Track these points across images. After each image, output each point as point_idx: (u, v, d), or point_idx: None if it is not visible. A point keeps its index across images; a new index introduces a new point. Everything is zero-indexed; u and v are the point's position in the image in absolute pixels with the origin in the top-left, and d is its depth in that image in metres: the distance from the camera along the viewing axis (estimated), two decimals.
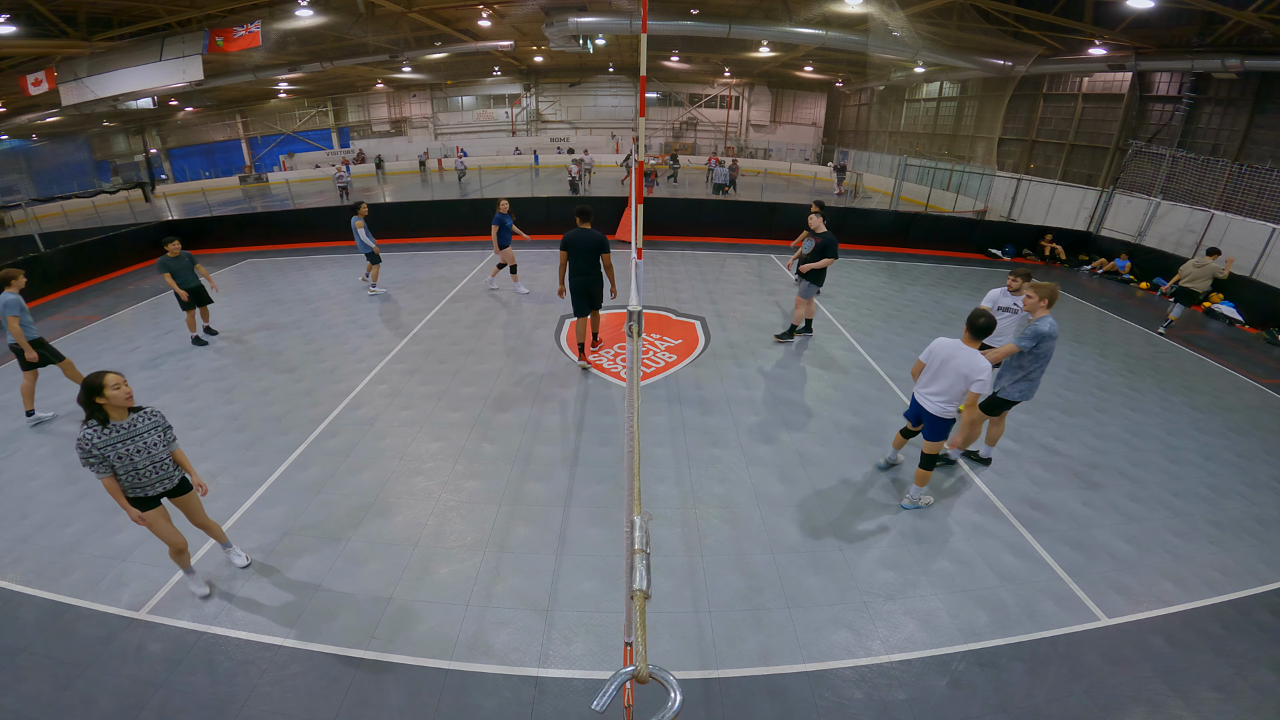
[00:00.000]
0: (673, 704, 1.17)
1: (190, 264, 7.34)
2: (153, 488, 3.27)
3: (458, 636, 3.37)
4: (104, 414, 3.06)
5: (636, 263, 4.33)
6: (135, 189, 25.76)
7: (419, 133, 36.01)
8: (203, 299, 7.58)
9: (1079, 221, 15.40)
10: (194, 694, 3.04)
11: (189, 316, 7.52)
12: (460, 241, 13.18)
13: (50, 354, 5.93)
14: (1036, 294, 4.52)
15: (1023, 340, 4.50)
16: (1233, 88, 13.14)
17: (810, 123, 35.35)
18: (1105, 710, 3.08)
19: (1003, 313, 5.42)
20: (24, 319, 5.58)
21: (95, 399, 3.01)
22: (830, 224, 7.36)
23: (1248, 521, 4.67)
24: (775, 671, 3.21)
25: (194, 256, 7.44)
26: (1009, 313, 5.41)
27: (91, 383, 3.01)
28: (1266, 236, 11.00)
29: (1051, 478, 5.09)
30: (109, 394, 3.01)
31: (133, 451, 3.14)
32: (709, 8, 16.99)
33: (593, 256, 6.22)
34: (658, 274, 10.66)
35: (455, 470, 4.91)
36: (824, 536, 4.25)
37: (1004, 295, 5.48)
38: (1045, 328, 4.45)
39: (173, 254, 7.18)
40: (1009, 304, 5.42)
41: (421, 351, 7.25)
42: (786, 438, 5.49)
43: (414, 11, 17.05)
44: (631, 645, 1.42)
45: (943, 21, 15.28)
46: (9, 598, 3.67)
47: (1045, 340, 4.49)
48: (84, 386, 3.01)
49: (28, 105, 20.29)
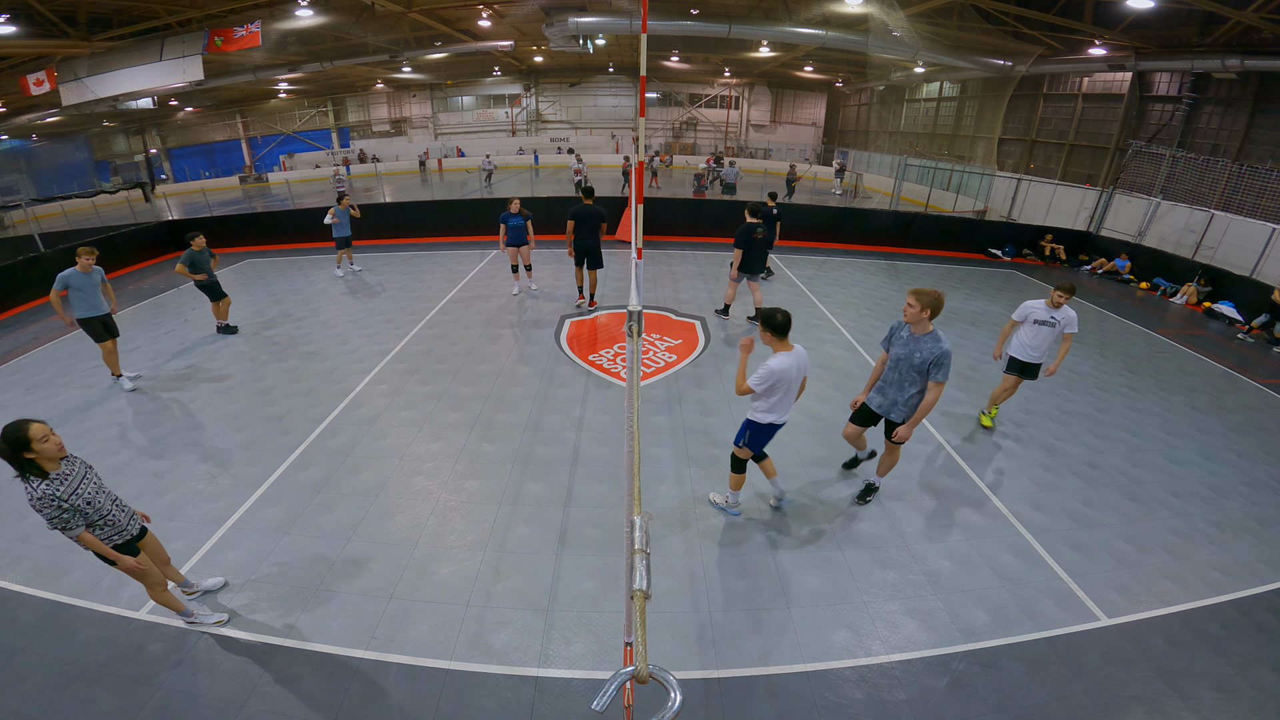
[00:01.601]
0: (673, 704, 1.17)
1: (210, 258, 7.70)
2: (128, 530, 3.02)
3: (458, 636, 3.37)
4: (39, 467, 2.66)
5: (636, 263, 4.33)
6: (135, 189, 25.69)
7: (419, 133, 36.00)
8: (219, 293, 7.88)
9: (1079, 221, 15.40)
10: (194, 694, 3.04)
11: (214, 307, 7.94)
12: (461, 241, 13.18)
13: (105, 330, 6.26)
14: (918, 303, 3.77)
15: (938, 373, 3.81)
16: (1233, 88, 13.15)
17: (810, 123, 35.34)
18: (1105, 710, 3.09)
19: (1039, 326, 5.25)
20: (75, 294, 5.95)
21: (23, 454, 2.60)
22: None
23: (1248, 521, 4.68)
24: (775, 671, 3.22)
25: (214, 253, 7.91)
26: (1047, 326, 5.23)
27: (14, 436, 2.58)
28: (1266, 236, 11.00)
29: (1051, 478, 5.09)
30: (37, 447, 2.61)
31: (93, 493, 2.84)
32: (709, 8, 16.98)
33: (595, 225, 8.07)
34: (658, 274, 10.66)
35: (455, 470, 4.91)
36: (824, 536, 4.25)
37: (1042, 309, 5.25)
38: (950, 346, 3.81)
39: (197, 247, 7.49)
40: (1047, 317, 5.23)
41: (421, 351, 7.25)
42: (786, 438, 5.48)
43: (414, 11, 17.05)
44: (631, 645, 1.42)
45: (943, 21, 15.29)
46: (9, 598, 3.67)
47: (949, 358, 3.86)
48: (5, 441, 2.58)
49: (28, 105, 20.28)
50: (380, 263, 11.51)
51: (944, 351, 3.78)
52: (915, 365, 3.90)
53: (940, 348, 3.79)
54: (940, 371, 3.81)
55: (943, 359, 3.79)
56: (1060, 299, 5.12)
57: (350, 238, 10.51)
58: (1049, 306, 5.20)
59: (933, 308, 3.80)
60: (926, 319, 3.84)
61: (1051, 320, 5.19)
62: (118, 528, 2.98)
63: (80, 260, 5.92)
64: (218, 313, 7.98)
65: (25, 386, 6.54)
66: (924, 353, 3.83)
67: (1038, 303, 5.32)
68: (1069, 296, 5.13)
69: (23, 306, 9.48)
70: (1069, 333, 5.17)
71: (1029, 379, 5.54)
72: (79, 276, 5.93)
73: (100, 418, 5.82)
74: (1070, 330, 5.16)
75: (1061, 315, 5.16)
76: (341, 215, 10.23)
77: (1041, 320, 5.23)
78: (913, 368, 3.92)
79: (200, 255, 7.51)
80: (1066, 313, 5.15)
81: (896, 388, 4.07)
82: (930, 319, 3.83)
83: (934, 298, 3.80)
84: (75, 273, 5.92)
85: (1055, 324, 5.19)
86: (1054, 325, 5.20)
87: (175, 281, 10.69)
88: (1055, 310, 5.16)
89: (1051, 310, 5.18)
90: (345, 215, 10.28)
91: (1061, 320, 5.16)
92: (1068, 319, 5.15)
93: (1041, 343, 5.29)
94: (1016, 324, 5.42)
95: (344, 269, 10.78)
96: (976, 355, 7.62)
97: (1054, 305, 5.17)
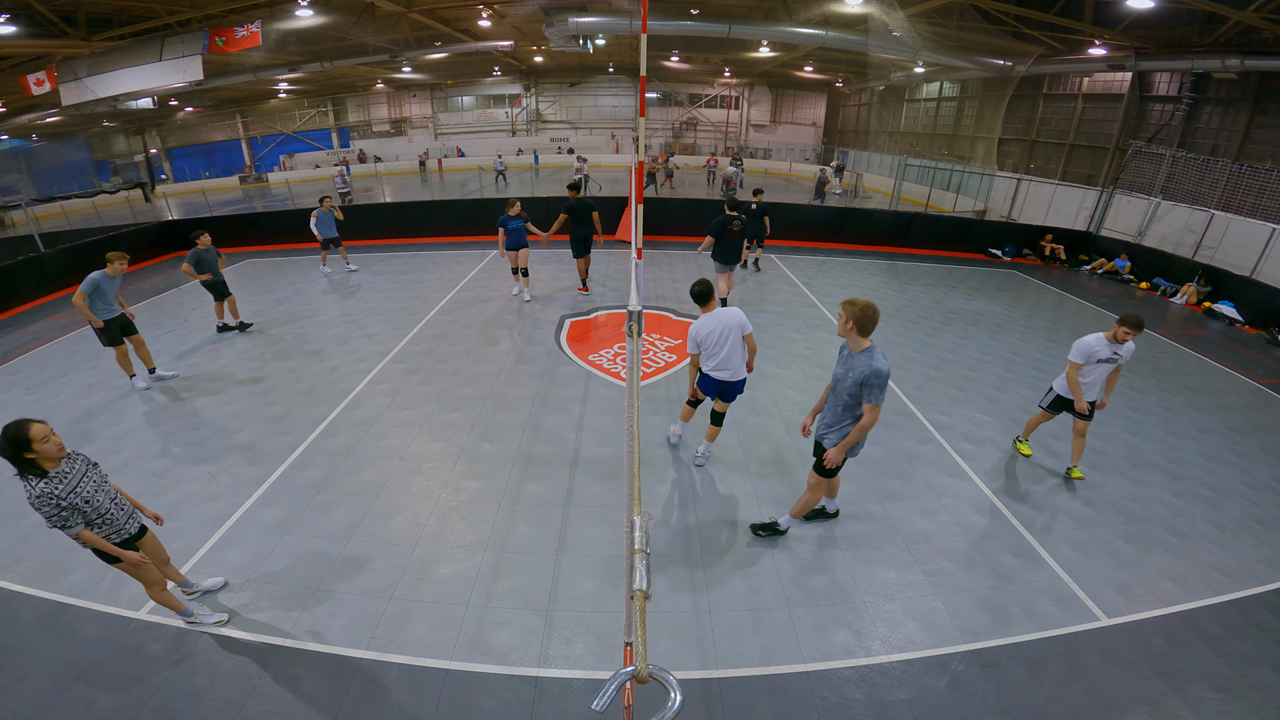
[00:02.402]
0: (673, 704, 1.17)
1: (217, 257, 7.74)
2: (125, 529, 3.02)
3: (458, 636, 3.38)
4: (38, 467, 2.69)
5: (636, 263, 4.33)
6: (135, 189, 25.70)
7: (419, 133, 36.00)
8: (224, 292, 7.93)
9: (1079, 221, 15.40)
10: (194, 694, 3.04)
11: (217, 306, 7.96)
12: (461, 241, 13.18)
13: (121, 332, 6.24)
14: (844, 314, 3.47)
15: (869, 395, 3.42)
16: (1233, 88, 13.14)
17: (810, 123, 35.34)
18: (1105, 710, 3.09)
19: (1100, 364, 4.71)
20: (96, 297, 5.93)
21: (23, 454, 2.63)
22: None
23: (1248, 521, 4.68)
24: (775, 671, 3.22)
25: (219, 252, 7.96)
26: (1108, 364, 4.71)
27: (15, 436, 2.61)
28: (1266, 236, 11.00)
29: (1052, 478, 5.09)
30: (37, 447, 2.64)
31: (92, 492, 2.85)
32: (709, 8, 16.98)
33: (587, 216, 8.88)
34: (658, 274, 10.65)
35: (455, 470, 4.91)
36: (824, 536, 4.25)
37: (1104, 346, 4.65)
38: (884, 365, 3.40)
39: (202, 246, 7.53)
40: (1110, 354, 4.66)
41: (421, 351, 7.25)
42: (786, 437, 5.48)
43: (414, 11, 17.05)
44: (631, 645, 1.42)
45: (943, 21, 15.28)
46: (9, 598, 3.67)
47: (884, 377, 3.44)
48: (6, 440, 2.62)
49: (28, 105, 20.29)
50: (380, 263, 11.52)
51: (874, 370, 3.37)
52: (848, 386, 3.52)
53: (872, 366, 3.38)
54: (872, 393, 3.40)
55: (873, 379, 3.37)
56: (1126, 335, 4.57)
57: (338, 238, 10.69)
58: (1112, 342, 4.64)
59: (858, 321, 3.42)
60: (853, 332, 3.47)
61: (1115, 357, 4.70)
62: (115, 526, 2.97)
63: (113, 265, 5.89)
64: (219, 312, 7.99)
65: (25, 386, 6.54)
66: (856, 372, 3.45)
67: (1095, 339, 4.69)
68: (1137, 333, 4.55)
69: (23, 306, 9.47)
70: (1122, 364, 4.81)
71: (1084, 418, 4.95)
72: (109, 280, 5.93)
73: (100, 417, 5.82)
74: (1124, 362, 4.80)
75: (1125, 350, 4.72)
76: (325, 217, 10.36)
77: (1105, 358, 4.70)
78: (846, 389, 3.55)
79: (206, 254, 7.54)
80: (1128, 346, 4.71)
81: (832, 409, 3.73)
82: (860, 334, 3.47)
83: (860, 309, 3.41)
84: (105, 276, 5.90)
85: (1117, 359, 4.72)
86: (1115, 361, 4.73)
87: (175, 281, 10.70)
88: (1119, 345, 4.66)
89: (1115, 346, 4.67)
90: (329, 217, 10.39)
91: (1125, 354, 4.73)
92: (1127, 352, 4.73)
93: (1099, 379, 4.81)
94: (1081, 367, 4.76)
95: (330, 266, 11.00)
96: (976, 355, 7.62)
97: (1118, 340, 4.63)
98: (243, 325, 8.16)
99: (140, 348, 6.38)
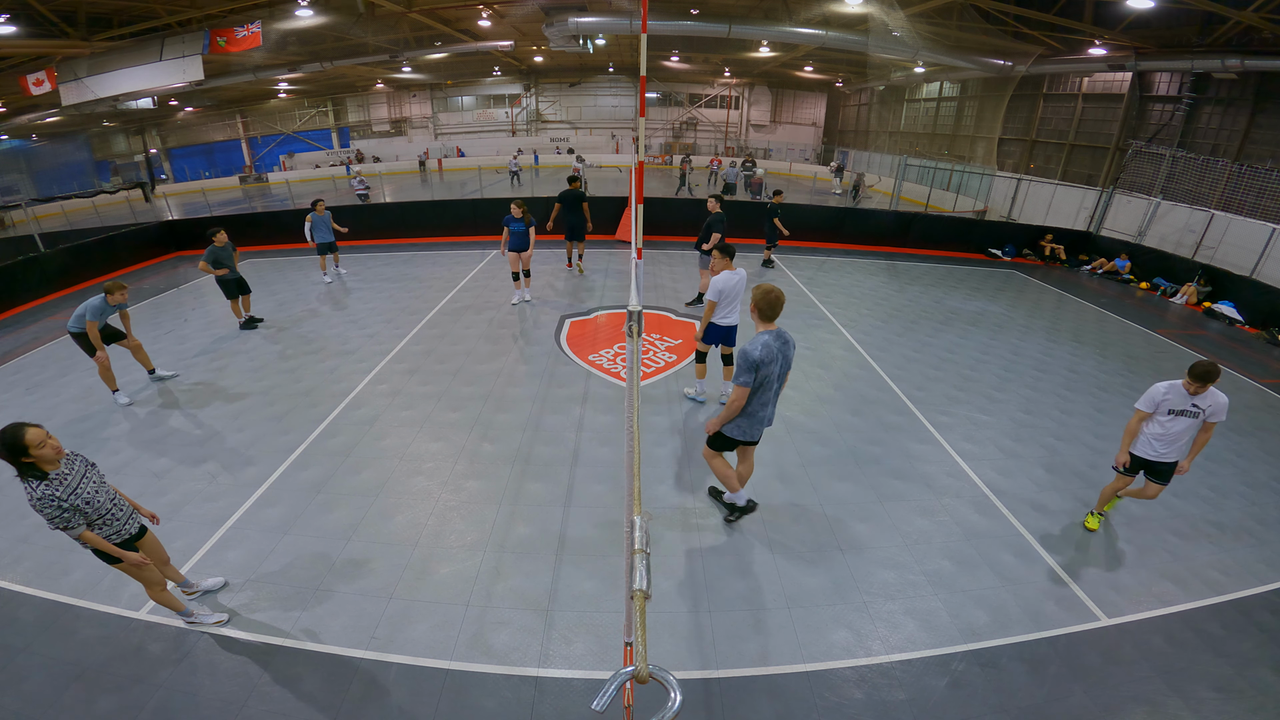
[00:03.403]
0: (673, 704, 1.17)
1: (233, 252, 7.80)
2: (125, 529, 3.04)
3: (458, 636, 3.38)
4: (38, 470, 2.71)
5: (636, 263, 4.33)
6: (135, 189, 25.72)
7: (419, 133, 36.00)
8: (244, 288, 8.02)
9: (1079, 221, 15.40)
10: (194, 694, 3.04)
11: (233, 304, 8.02)
12: (461, 241, 13.18)
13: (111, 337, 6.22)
14: (750, 299, 3.59)
15: (737, 375, 3.57)
16: (1233, 88, 13.14)
17: (810, 123, 35.34)
18: (1105, 710, 3.09)
19: (1174, 417, 3.95)
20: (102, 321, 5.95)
21: (21, 458, 2.66)
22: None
23: (1248, 521, 4.68)
24: (775, 671, 3.22)
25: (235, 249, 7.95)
26: (1185, 416, 3.92)
27: (11, 442, 2.62)
28: (1266, 236, 11.00)
29: (1051, 478, 5.09)
30: (35, 452, 2.66)
31: (92, 492, 2.87)
32: (709, 8, 16.98)
33: (577, 206, 10.03)
34: (658, 274, 10.65)
35: (455, 470, 4.91)
36: (824, 536, 4.25)
37: (1179, 394, 3.91)
38: (757, 353, 3.47)
39: (219, 243, 7.60)
40: (1186, 406, 3.90)
41: (421, 351, 7.25)
42: (786, 437, 5.49)
43: (414, 11, 17.04)
44: (631, 645, 1.42)
45: (943, 21, 15.28)
46: (9, 598, 3.67)
47: (760, 368, 3.53)
48: (4, 445, 2.63)
49: (28, 105, 20.28)
50: (380, 262, 11.52)
51: (741, 350, 3.53)
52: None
53: (743, 346, 3.55)
54: (737, 373, 3.56)
55: (739, 358, 3.54)
56: (1197, 388, 3.82)
57: (333, 243, 10.10)
58: (1188, 392, 3.87)
59: (757, 304, 3.53)
60: (754, 315, 3.61)
61: (1193, 409, 3.89)
62: (116, 527, 2.98)
63: (113, 295, 5.74)
64: (236, 311, 8.06)
65: (25, 387, 6.54)
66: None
67: (1166, 387, 3.97)
68: (1205, 385, 3.80)
69: (23, 306, 9.48)
70: (1213, 422, 3.91)
71: (1159, 481, 4.23)
72: (109, 309, 5.86)
73: (100, 417, 5.82)
74: (1217, 420, 3.90)
75: (1208, 402, 3.89)
76: (320, 222, 9.80)
77: (1179, 410, 3.93)
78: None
79: (223, 251, 7.60)
80: (1215, 398, 3.86)
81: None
82: (760, 318, 3.56)
83: (761, 294, 3.51)
84: (105, 305, 5.78)
85: (1198, 413, 3.90)
86: (1197, 415, 3.91)
87: (175, 281, 10.71)
88: (1198, 397, 3.87)
89: (1192, 397, 3.88)
90: (324, 222, 9.85)
91: (1209, 409, 3.89)
92: (1216, 406, 3.86)
93: (1178, 435, 3.99)
94: (1146, 416, 4.09)
95: (330, 274, 10.38)
96: (976, 355, 7.62)
97: (1195, 391, 3.85)
98: (253, 320, 8.20)
99: (138, 352, 6.35)
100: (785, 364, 3.68)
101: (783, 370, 3.69)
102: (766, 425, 3.90)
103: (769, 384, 3.65)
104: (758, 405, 3.72)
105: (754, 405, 3.70)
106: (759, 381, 3.57)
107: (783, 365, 3.66)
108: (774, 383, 3.68)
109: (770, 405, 3.80)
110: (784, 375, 3.74)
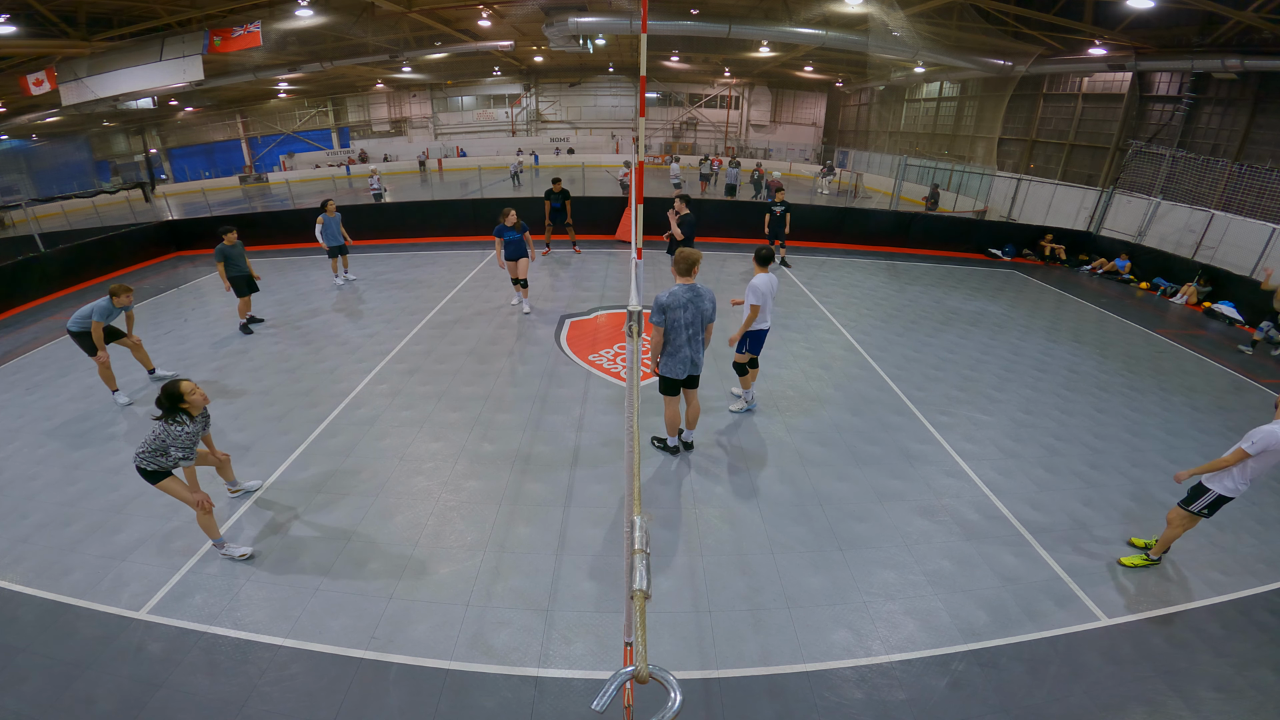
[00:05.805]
0: (673, 704, 1.17)
1: (243, 252, 7.80)
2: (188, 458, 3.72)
3: (458, 636, 3.38)
4: (188, 414, 3.61)
5: (636, 263, 4.33)
6: (135, 189, 25.73)
7: (419, 133, 36.00)
8: (253, 287, 7.99)
9: (1079, 221, 15.39)
10: (194, 694, 3.04)
11: (241, 304, 7.97)
12: (461, 241, 13.18)
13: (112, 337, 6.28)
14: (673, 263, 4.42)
15: (654, 316, 4.41)
16: (1233, 88, 13.14)
17: (810, 123, 35.34)
18: (1105, 710, 3.09)
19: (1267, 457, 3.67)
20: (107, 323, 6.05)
21: (179, 404, 3.56)
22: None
23: (1248, 521, 4.68)
24: (775, 671, 3.22)
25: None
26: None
27: (171, 391, 3.56)
28: (1266, 236, 11.00)
29: (1051, 478, 5.09)
30: (189, 399, 3.58)
31: (198, 433, 3.75)
32: (709, 8, 16.98)
33: (561, 201, 11.47)
34: (658, 274, 10.65)
35: (455, 470, 4.91)
36: (824, 536, 4.25)
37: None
38: (664, 298, 4.34)
39: (230, 242, 7.60)
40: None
41: (421, 351, 7.25)
42: (786, 438, 5.49)
43: (414, 11, 17.04)
44: (631, 645, 1.42)
45: (943, 21, 15.28)
46: (9, 598, 3.67)
47: (668, 311, 4.38)
48: (166, 395, 3.55)
49: (28, 105, 20.28)
50: (380, 262, 11.51)
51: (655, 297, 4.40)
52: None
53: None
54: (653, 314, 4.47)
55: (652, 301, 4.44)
56: None
57: (344, 246, 9.86)
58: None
59: (675, 264, 4.39)
60: (675, 273, 4.42)
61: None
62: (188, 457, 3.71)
63: (119, 298, 5.81)
64: (242, 311, 8.02)
65: (25, 387, 6.54)
66: None
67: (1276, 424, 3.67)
68: None
69: (23, 306, 9.48)
70: None
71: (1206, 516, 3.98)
72: (114, 311, 5.91)
73: (100, 417, 5.82)
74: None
75: None
76: (331, 224, 9.54)
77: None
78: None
79: (233, 250, 7.63)
80: None
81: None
82: (677, 273, 4.40)
83: (679, 255, 4.37)
84: (111, 306, 5.84)
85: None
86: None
87: (175, 281, 10.71)
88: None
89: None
90: (335, 224, 9.58)
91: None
92: None
93: (1262, 474, 3.80)
94: (1248, 456, 3.74)
95: (341, 277, 10.12)
96: (976, 355, 7.62)
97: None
98: (253, 320, 8.20)
99: (138, 350, 6.37)
100: (697, 312, 4.44)
101: (694, 318, 4.44)
102: (694, 370, 4.65)
103: (677, 328, 4.43)
104: (674, 346, 4.52)
105: (671, 346, 4.53)
106: (669, 323, 4.40)
107: (694, 313, 4.42)
108: (684, 328, 4.44)
109: (687, 348, 4.53)
110: (699, 324, 4.50)
